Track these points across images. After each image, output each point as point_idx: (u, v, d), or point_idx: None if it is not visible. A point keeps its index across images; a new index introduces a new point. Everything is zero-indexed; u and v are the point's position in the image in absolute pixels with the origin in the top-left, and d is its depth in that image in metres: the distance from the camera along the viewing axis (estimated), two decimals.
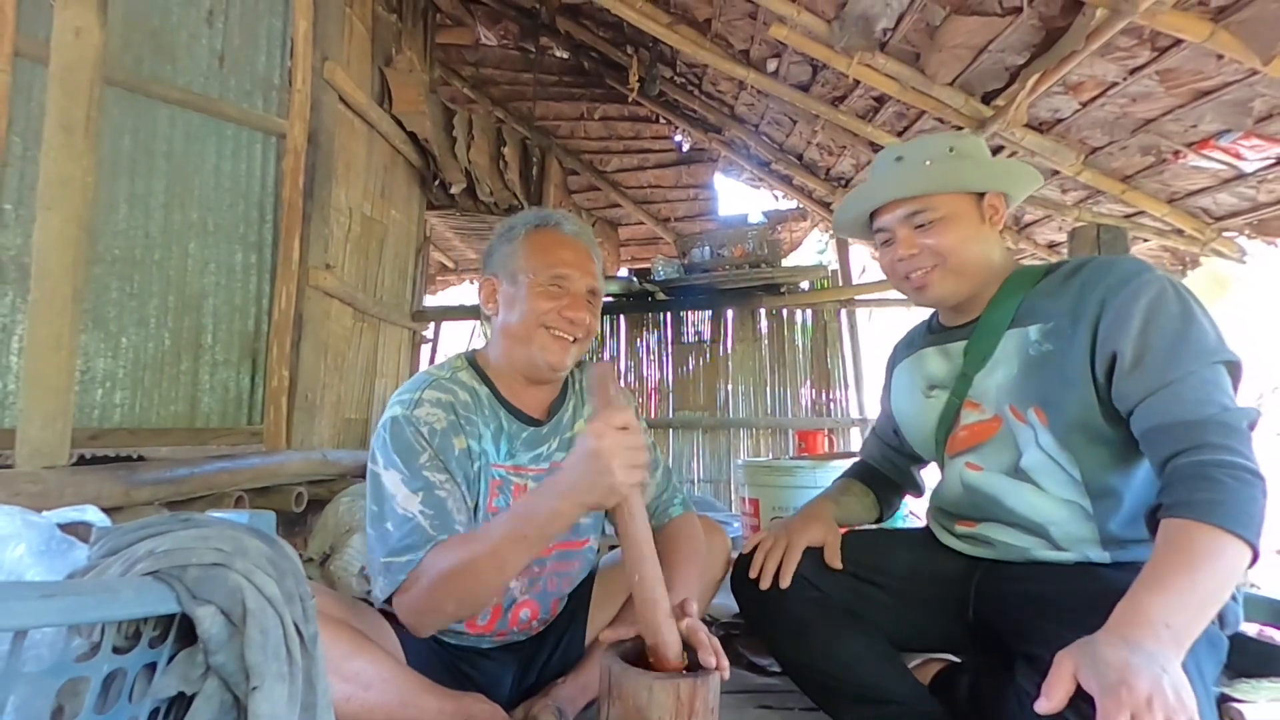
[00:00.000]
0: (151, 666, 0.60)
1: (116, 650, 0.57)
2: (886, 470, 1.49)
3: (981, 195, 1.18)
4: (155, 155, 2.76)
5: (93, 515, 0.82)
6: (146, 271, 2.73)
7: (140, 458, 2.11)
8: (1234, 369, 0.97)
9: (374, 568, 1.10)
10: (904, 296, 1.28)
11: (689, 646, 0.93)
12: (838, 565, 1.22)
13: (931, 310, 1.33)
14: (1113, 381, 1.00)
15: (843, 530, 1.32)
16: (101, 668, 0.56)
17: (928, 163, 1.18)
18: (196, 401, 2.77)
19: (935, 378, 1.25)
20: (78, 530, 0.77)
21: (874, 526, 1.51)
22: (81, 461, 1.86)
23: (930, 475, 1.44)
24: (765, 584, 1.21)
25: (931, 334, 1.31)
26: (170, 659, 0.60)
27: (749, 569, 1.25)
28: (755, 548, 1.27)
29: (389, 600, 1.09)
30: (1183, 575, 0.83)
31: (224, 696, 0.60)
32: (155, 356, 2.73)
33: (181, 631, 0.61)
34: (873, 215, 1.25)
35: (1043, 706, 0.79)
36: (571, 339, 1.22)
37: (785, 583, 1.20)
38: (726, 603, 1.96)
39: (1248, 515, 0.86)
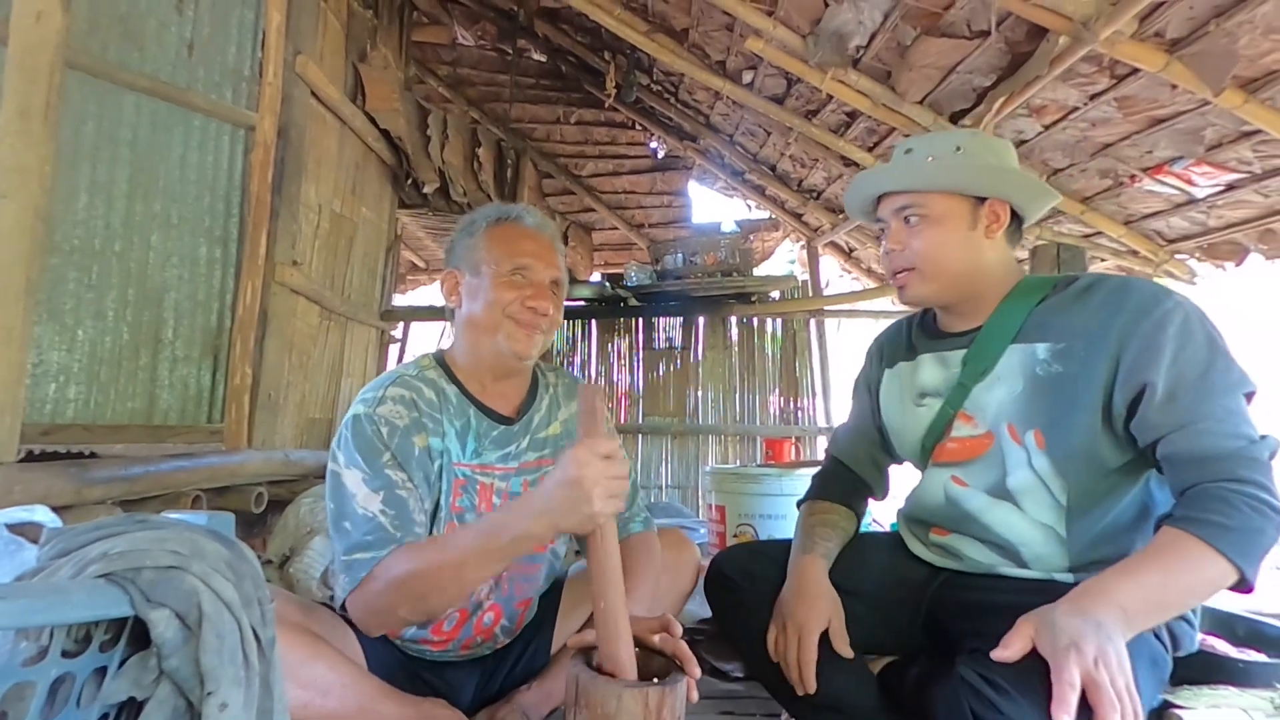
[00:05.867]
0: (102, 671, 0.58)
1: (65, 654, 0.55)
2: (860, 470, 1.41)
3: (983, 200, 1.15)
4: (119, 144, 2.69)
5: (42, 515, 0.80)
6: (106, 263, 2.65)
7: (93, 454, 2.05)
8: (1252, 397, 0.98)
9: (337, 565, 1.09)
10: (873, 308, 1.29)
11: (678, 662, 0.95)
12: (848, 653, 1.11)
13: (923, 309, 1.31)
14: (1137, 411, 0.99)
15: None
16: (49, 672, 0.54)
17: (930, 159, 1.16)
18: (155, 398, 2.70)
19: (929, 386, 1.22)
20: (26, 531, 0.75)
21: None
22: (31, 458, 1.80)
23: (903, 479, 1.42)
24: (811, 689, 1.09)
25: (928, 338, 1.27)
26: (122, 663, 0.59)
27: (770, 653, 1.15)
28: (770, 633, 1.16)
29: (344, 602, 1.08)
30: (1156, 572, 0.88)
31: (177, 702, 0.58)
32: (113, 351, 2.65)
33: (134, 635, 0.59)
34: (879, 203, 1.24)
35: (998, 654, 0.84)
36: (537, 328, 1.23)
37: (811, 688, 1.09)
38: (690, 609, 1.96)
39: (1250, 545, 0.87)
